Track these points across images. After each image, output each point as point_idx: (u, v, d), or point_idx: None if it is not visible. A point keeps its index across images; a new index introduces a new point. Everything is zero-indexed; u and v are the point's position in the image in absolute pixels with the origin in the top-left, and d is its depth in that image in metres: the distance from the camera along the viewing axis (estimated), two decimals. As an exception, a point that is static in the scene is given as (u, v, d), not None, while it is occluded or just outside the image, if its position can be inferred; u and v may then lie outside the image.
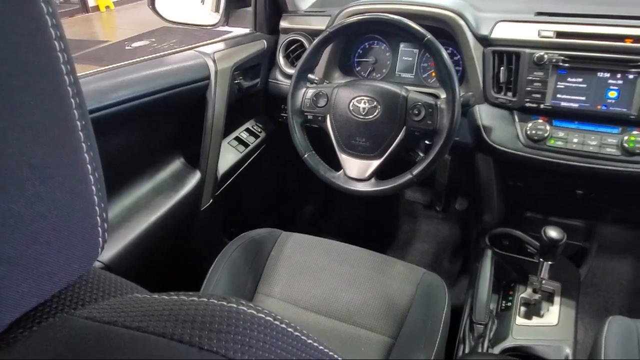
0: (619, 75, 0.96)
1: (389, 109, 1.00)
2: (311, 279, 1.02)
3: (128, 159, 1.01)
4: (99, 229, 0.29)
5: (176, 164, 1.14)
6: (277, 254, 1.08)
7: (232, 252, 1.05)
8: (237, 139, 1.35)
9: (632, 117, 0.95)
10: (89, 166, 0.28)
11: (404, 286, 0.98)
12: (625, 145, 0.95)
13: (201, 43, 1.20)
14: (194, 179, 1.14)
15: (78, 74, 0.28)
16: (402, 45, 1.26)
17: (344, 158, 1.06)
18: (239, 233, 1.11)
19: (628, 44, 0.95)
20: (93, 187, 0.28)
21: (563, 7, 1.08)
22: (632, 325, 0.86)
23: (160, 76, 0.99)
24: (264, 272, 1.05)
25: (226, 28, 1.43)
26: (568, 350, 1.04)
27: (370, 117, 1.01)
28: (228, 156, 1.29)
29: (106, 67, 0.94)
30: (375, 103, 1.01)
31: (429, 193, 1.69)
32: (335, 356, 0.33)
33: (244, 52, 1.26)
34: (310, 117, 1.09)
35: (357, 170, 1.05)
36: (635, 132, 0.95)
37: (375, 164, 1.03)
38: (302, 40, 1.30)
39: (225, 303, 0.28)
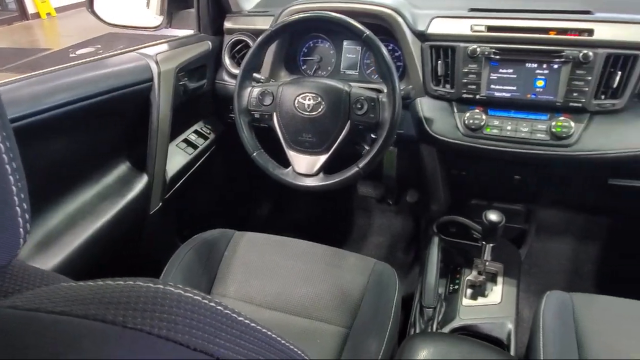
0: (545, 66, 1.02)
1: (333, 105, 1.02)
2: (266, 276, 1.02)
3: (70, 164, 0.98)
4: (20, 219, 0.29)
5: (122, 168, 1.12)
6: (231, 254, 1.08)
7: (184, 255, 1.04)
8: (186, 141, 1.33)
9: (558, 104, 1.02)
10: (4, 156, 0.28)
11: (356, 277, 1.01)
12: (554, 130, 1.02)
13: (143, 45, 1.19)
14: (141, 182, 1.12)
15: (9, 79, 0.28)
16: (345, 43, 1.29)
17: (292, 154, 1.08)
18: (192, 235, 1.10)
19: (552, 36, 1.02)
20: (10, 177, 0.28)
21: (495, 3, 1.14)
22: (567, 298, 0.92)
23: (100, 79, 0.97)
24: (218, 272, 1.05)
25: (176, 32, 1.42)
26: (510, 326, 1.10)
27: (315, 113, 1.03)
28: (176, 158, 1.27)
29: (40, 71, 0.91)
30: (319, 99, 1.03)
31: (381, 187, 1.74)
32: (269, 332, 0.34)
33: (188, 54, 1.25)
34: (257, 115, 1.10)
35: (305, 166, 1.07)
36: (561, 118, 1.02)
37: (322, 158, 1.05)
38: (247, 40, 1.31)
39: (152, 285, 0.28)
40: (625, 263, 1.50)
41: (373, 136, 1.07)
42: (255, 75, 1.12)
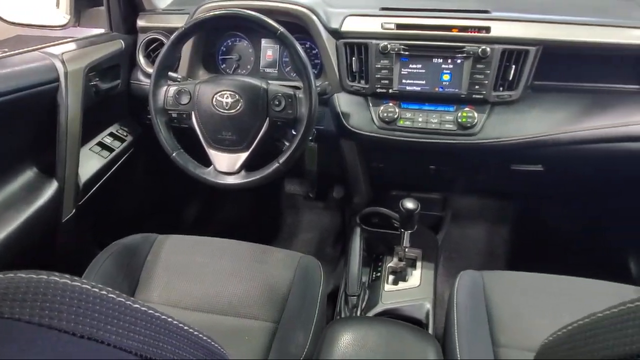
0: (449, 61, 1.10)
1: (252, 102, 1.03)
2: (191, 278, 1.00)
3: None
4: None
5: (28, 174, 1.05)
6: (154, 258, 1.05)
7: (103, 262, 1.00)
8: (100, 144, 1.27)
9: (462, 96, 1.10)
10: None
11: (283, 272, 1.02)
12: (460, 120, 1.09)
13: (47, 44, 1.12)
14: (51, 189, 1.06)
15: None
16: (263, 42, 1.30)
17: (212, 153, 1.07)
18: (112, 242, 1.06)
19: (454, 33, 1.09)
20: None
21: (404, 3, 1.20)
22: (478, 276, 0.99)
23: (-1, 80, 0.91)
24: (141, 278, 1.01)
25: (87, 31, 1.34)
26: (428, 306, 1.16)
27: (234, 111, 1.03)
28: (90, 163, 1.21)
29: None
30: (237, 97, 1.03)
31: (307, 185, 1.76)
32: (169, 319, 0.34)
33: (99, 53, 1.20)
34: (174, 115, 1.08)
35: (226, 164, 1.06)
36: (466, 109, 1.10)
37: (243, 156, 1.05)
38: (162, 39, 1.28)
39: (34, 275, 0.28)
40: (531, 241, 1.64)
41: (294, 132, 1.08)
42: (171, 74, 1.09)
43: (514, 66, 1.07)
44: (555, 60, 1.10)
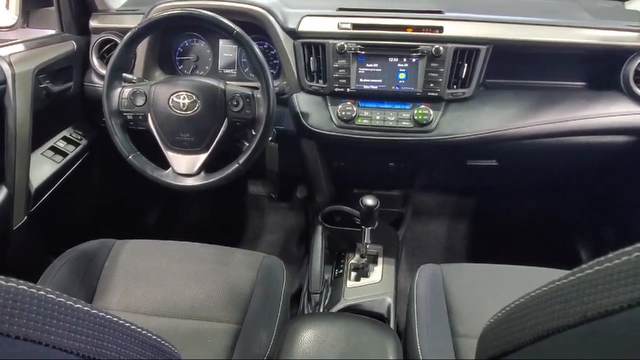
0: (405, 60, 1.12)
1: (209, 102, 1.02)
2: (151, 282, 0.99)
3: None
4: None
5: (-26, 182, 1.01)
6: (112, 264, 1.02)
7: (57, 270, 0.97)
8: (53, 148, 1.23)
9: (418, 94, 1.12)
10: None
11: (245, 273, 1.01)
12: (416, 118, 1.12)
13: (-8, 45, 1.08)
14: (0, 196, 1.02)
15: None
16: (221, 42, 1.29)
17: (170, 155, 1.05)
18: (68, 249, 1.02)
19: (409, 32, 1.11)
20: None
21: (361, 4, 1.21)
22: (437, 269, 1.01)
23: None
24: (99, 285, 0.99)
25: (38, 32, 1.30)
26: (390, 300, 1.18)
27: (191, 112, 1.02)
28: (43, 168, 1.17)
29: None
30: (194, 97, 1.02)
31: (271, 186, 1.76)
32: (104, 314, 0.33)
33: (49, 54, 1.16)
34: (130, 117, 1.06)
35: (185, 166, 1.05)
36: (422, 106, 1.12)
37: (202, 157, 1.04)
38: (116, 39, 1.25)
39: None
40: (489, 234, 1.70)
41: (253, 132, 1.08)
42: (125, 75, 1.07)
43: (466, 64, 1.10)
44: (505, 58, 1.14)
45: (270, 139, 1.14)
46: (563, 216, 1.64)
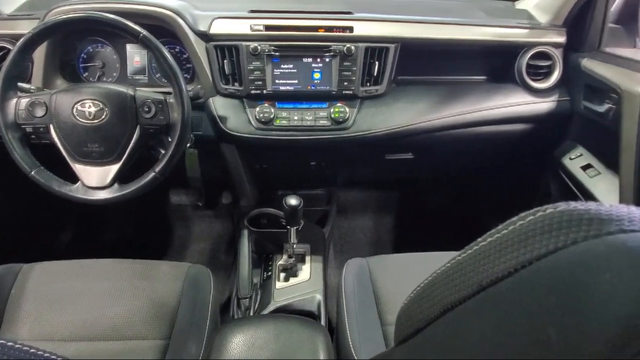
0: (319, 60, 1.14)
1: (118, 110, 0.97)
2: (67, 306, 0.92)
3: None
4: None
5: None
6: (20, 290, 0.94)
7: None
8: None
9: (333, 92, 1.15)
10: None
11: (170, 285, 0.98)
12: (333, 116, 1.14)
13: None
14: None
15: None
16: (128, 47, 1.23)
17: (79, 168, 0.99)
18: None
19: (321, 33, 1.13)
20: None
21: (272, 5, 1.22)
22: (364, 262, 1.04)
23: None
24: (5, 314, 0.90)
25: None
26: (319, 297, 1.20)
27: (99, 120, 0.97)
28: None
29: None
30: (101, 105, 0.96)
31: (195, 194, 1.71)
32: (6, 343, 0.31)
33: None
34: (29, 129, 0.98)
35: (96, 179, 0.99)
36: (338, 105, 1.15)
37: (115, 168, 0.99)
38: (8, 46, 1.15)
39: None
40: (412, 224, 1.78)
41: (169, 139, 1.05)
42: (21, 85, 0.99)
43: (377, 62, 1.14)
44: (413, 56, 1.20)
45: (188, 145, 1.11)
46: (476, 202, 1.76)
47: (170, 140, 1.00)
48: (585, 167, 1.18)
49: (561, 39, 1.22)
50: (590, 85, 1.15)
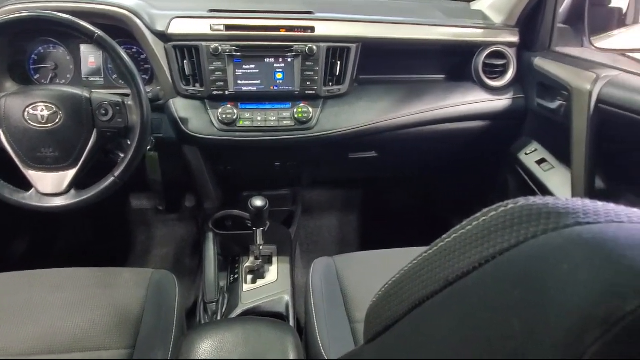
0: (281, 60, 1.14)
1: (73, 113, 0.94)
2: (22, 319, 0.87)
3: None
4: None
5: None
6: None
7: None
8: None
9: (296, 93, 1.15)
10: None
11: (133, 292, 0.95)
12: (296, 116, 1.14)
13: None
14: None
15: None
16: (82, 48, 1.19)
17: (32, 174, 0.95)
18: None
19: (282, 33, 1.13)
20: None
21: (232, 5, 1.20)
22: (331, 261, 1.05)
23: None
24: None
25: None
26: (287, 298, 1.20)
27: (53, 124, 0.93)
28: None
29: None
30: (55, 109, 0.93)
31: (154, 197, 1.67)
32: None
33: None
34: None
35: (51, 185, 0.95)
36: (301, 105, 1.15)
37: (71, 173, 0.96)
38: (-51, 49, 1.08)
39: None
40: (377, 221, 1.80)
41: (128, 142, 1.02)
42: None
43: (339, 62, 1.15)
44: (375, 55, 1.22)
45: (149, 147, 1.08)
46: (439, 198, 1.80)
47: (129, 143, 0.97)
48: (540, 162, 1.23)
49: (514, 38, 1.27)
50: (543, 83, 1.20)
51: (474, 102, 1.25)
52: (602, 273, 0.22)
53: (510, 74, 1.26)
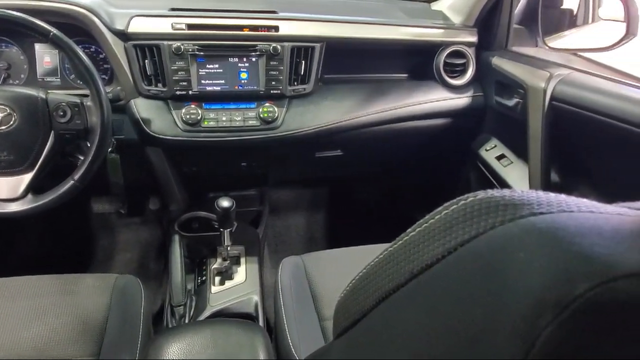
0: (245, 59, 1.13)
1: (28, 115, 0.90)
2: None
3: None
4: None
5: None
6: None
7: None
8: None
9: (261, 92, 1.14)
10: None
11: (97, 298, 0.92)
12: (262, 116, 1.14)
13: None
14: None
15: None
16: (37, 47, 1.14)
17: None
18: None
19: (246, 32, 1.12)
20: None
21: (194, 4, 1.18)
22: (299, 260, 1.05)
23: None
24: None
25: None
26: (256, 298, 1.19)
27: (6, 127, 0.89)
28: None
29: None
30: (8, 110, 0.89)
31: (118, 200, 1.63)
32: None
33: None
34: None
35: (6, 190, 0.92)
36: (267, 104, 1.15)
37: (27, 178, 0.92)
38: None
39: None
40: (344, 219, 1.82)
41: (88, 144, 0.99)
42: None
43: (303, 62, 1.15)
44: (339, 54, 1.23)
45: (109, 149, 1.06)
46: (405, 195, 1.83)
47: (89, 145, 0.95)
48: (500, 157, 1.27)
49: (473, 38, 1.31)
50: (500, 81, 1.24)
51: (435, 100, 1.28)
52: (554, 260, 0.24)
53: (469, 73, 1.30)
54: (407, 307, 0.33)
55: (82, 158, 0.96)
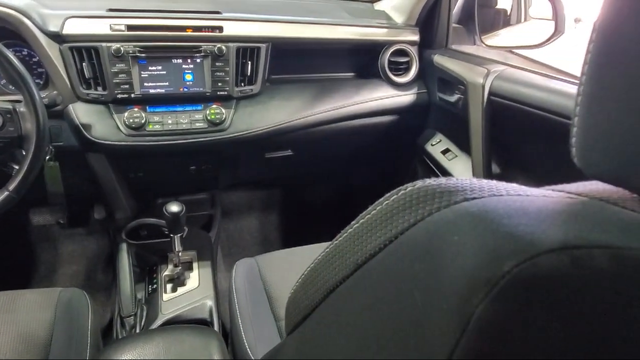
0: (189, 60, 1.11)
1: None
2: None
3: None
4: None
5: None
6: None
7: None
8: None
9: (207, 94, 1.12)
10: None
11: (39, 315, 0.87)
12: (209, 118, 1.12)
13: None
14: None
15: None
16: (-38, 51, 1.07)
17: None
18: None
19: (189, 33, 1.10)
20: None
21: (133, 5, 1.15)
22: (253, 262, 1.04)
23: None
24: None
25: None
26: (210, 303, 1.18)
27: None
28: None
29: None
30: None
31: (57, 211, 1.55)
32: None
33: None
34: None
35: None
36: (214, 106, 1.13)
37: (-44, 190, 0.86)
38: None
39: None
40: (298, 220, 1.82)
41: (24, 153, 0.93)
42: None
43: (250, 62, 1.15)
44: (285, 55, 1.23)
45: (47, 157, 1.01)
46: (357, 192, 1.86)
47: (24, 154, 0.90)
48: (445, 152, 1.32)
49: (415, 37, 1.35)
50: (442, 78, 1.29)
51: (382, 97, 1.31)
52: (485, 240, 0.25)
53: (413, 71, 1.34)
54: (353, 297, 0.34)
55: (17, 167, 0.91)
